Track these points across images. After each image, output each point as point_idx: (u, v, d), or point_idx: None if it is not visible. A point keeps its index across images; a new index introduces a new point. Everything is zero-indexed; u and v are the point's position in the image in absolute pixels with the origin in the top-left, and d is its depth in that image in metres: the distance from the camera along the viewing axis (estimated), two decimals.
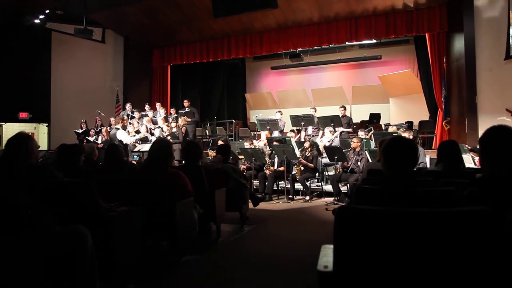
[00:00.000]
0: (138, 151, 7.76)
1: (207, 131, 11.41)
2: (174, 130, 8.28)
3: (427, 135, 8.44)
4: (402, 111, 10.26)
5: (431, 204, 1.60)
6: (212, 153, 7.92)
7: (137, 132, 8.43)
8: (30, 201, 1.60)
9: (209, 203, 3.46)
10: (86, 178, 2.09)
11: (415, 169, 1.78)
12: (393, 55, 11.34)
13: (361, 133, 6.99)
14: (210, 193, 3.47)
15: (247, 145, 7.45)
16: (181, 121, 8.56)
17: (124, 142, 8.16)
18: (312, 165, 6.46)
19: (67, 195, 1.99)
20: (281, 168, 6.65)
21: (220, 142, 7.30)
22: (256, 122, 8.63)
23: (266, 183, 6.61)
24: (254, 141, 8.13)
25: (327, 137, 7.42)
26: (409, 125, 8.19)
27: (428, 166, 5.29)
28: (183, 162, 3.87)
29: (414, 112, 9.82)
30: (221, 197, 3.71)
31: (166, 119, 8.94)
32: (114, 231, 2.19)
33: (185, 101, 9.69)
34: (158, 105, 9.86)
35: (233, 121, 10.46)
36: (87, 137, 8.64)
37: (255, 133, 10.02)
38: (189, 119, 9.29)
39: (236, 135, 10.56)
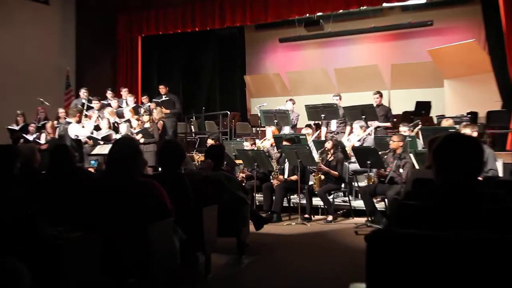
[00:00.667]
0: (97, 154, 7.80)
1: (192, 127, 11.50)
2: (147, 125, 8.33)
3: (498, 131, 8.37)
4: (462, 98, 10.23)
5: (503, 228, 1.58)
6: (199, 157, 7.97)
7: (96, 128, 8.46)
8: None
9: (195, 226, 3.49)
10: (23, 191, 2.07)
11: (480, 178, 1.86)
12: (450, 20, 11.36)
13: (403, 129, 6.99)
14: (196, 211, 3.51)
15: (247, 145, 7.47)
16: (156, 113, 8.62)
17: (83, 140, 8.21)
18: (336, 173, 6.47)
19: None
20: (294, 178, 6.68)
21: (210, 142, 7.49)
22: (259, 114, 8.63)
23: (274, 197, 6.65)
24: (257, 141, 8.18)
25: (357, 135, 7.43)
26: (472, 117, 8.18)
27: (500, 174, 5.28)
28: (159, 169, 3.92)
29: (480, 99, 9.75)
30: (212, 217, 3.75)
31: (136, 111, 9.01)
32: (63, 266, 2.17)
33: (162, 86, 9.76)
34: (124, 91, 9.93)
35: (228, 113, 10.54)
36: (25, 135, 8.68)
37: (258, 129, 10.06)
38: (168, 111, 9.34)
39: (233, 132, 10.63)
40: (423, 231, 1.38)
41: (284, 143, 6.74)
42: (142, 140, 8.06)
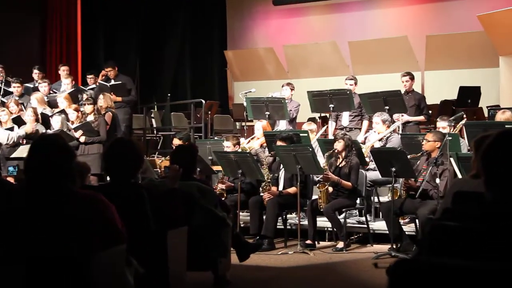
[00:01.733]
0: (18, 158, 7.71)
1: (153, 121, 11.56)
2: (90, 118, 8.29)
3: None
4: None
5: None
6: (162, 162, 7.95)
7: (17, 120, 8.37)
8: None
9: (156, 256, 3.52)
10: None
11: None
12: None
13: (442, 125, 7.03)
14: (158, 236, 3.53)
15: (228, 146, 7.43)
16: (103, 101, 8.59)
17: None
18: (349, 183, 6.50)
19: None
20: (292, 190, 6.68)
21: (177, 142, 7.49)
22: (245, 104, 8.65)
23: (264, 216, 6.65)
24: (242, 140, 8.18)
25: (378, 133, 7.46)
26: None
27: None
28: (107, 178, 3.98)
29: None
30: (180, 243, 3.78)
31: (73, 97, 8.94)
32: None
33: (108, 68, 9.75)
34: (61, 70, 9.84)
35: (203, 102, 10.48)
36: None
37: (243, 124, 10.06)
38: (119, 99, 9.34)
39: (209, 128, 10.68)
40: (465, 262, 1.43)
41: (279, 143, 6.74)
42: (82, 139, 8.03)
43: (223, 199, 6.24)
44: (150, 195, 3.54)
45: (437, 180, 5.88)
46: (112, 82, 9.50)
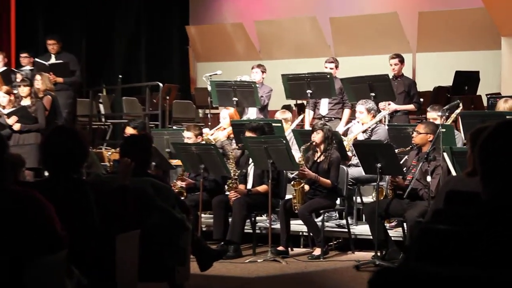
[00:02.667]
0: None
1: (101, 107, 11.44)
2: (26, 102, 8.22)
3: None
4: None
5: None
6: (111, 154, 7.93)
7: None
8: None
9: (103, 264, 3.49)
10: None
11: None
12: None
13: (434, 115, 7.07)
14: (105, 241, 3.51)
15: (189, 137, 7.41)
16: (40, 82, 8.47)
17: None
18: (328, 181, 6.52)
19: None
20: (262, 188, 6.71)
21: (130, 131, 7.49)
22: (209, 88, 8.66)
23: (230, 219, 6.67)
24: (205, 130, 8.18)
25: (362, 123, 7.48)
26: None
27: None
28: (45, 173, 3.95)
29: None
30: (131, 249, 3.77)
31: (5, 78, 8.84)
32: None
33: (52, 41, 9.66)
34: None
35: (160, 85, 10.49)
36: None
37: (207, 112, 10.04)
38: (61, 79, 9.25)
39: (167, 115, 10.62)
40: (459, 270, 1.44)
41: (248, 134, 6.76)
42: (17, 127, 7.98)
43: (182, 198, 6.28)
44: (96, 193, 3.53)
45: (428, 178, 5.92)
46: (52, 60, 9.34)
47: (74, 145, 3.62)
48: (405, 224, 6.13)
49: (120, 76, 11.83)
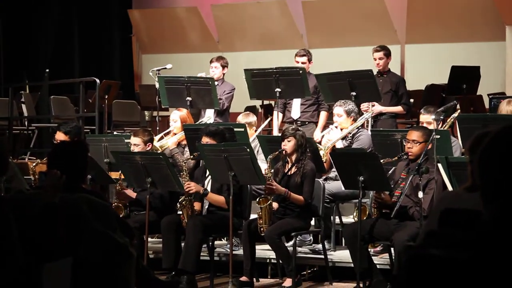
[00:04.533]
0: None
1: (23, 107, 11.24)
2: None
3: None
4: None
5: None
6: (37, 165, 7.68)
7: None
8: None
9: None
10: None
11: None
12: None
13: (427, 118, 6.97)
14: (29, 272, 3.48)
15: (137, 143, 7.19)
16: None
17: None
18: (301, 197, 6.44)
19: None
20: (219, 199, 6.54)
21: (60, 137, 7.38)
22: (157, 85, 8.44)
23: (183, 243, 6.58)
24: (154, 137, 8.08)
25: (340, 128, 7.37)
26: None
27: None
28: None
29: None
30: (61, 281, 3.73)
31: None
32: None
33: None
34: None
35: (97, 81, 10.08)
36: None
37: (154, 114, 9.95)
38: None
39: (105, 118, 10.42)
40: None
41: (205, 140, 6.64)
42: None
43: (125, 219, 6.08)
44: (18, 213, 3.50)
45: (420, 194, 5.83)
46: None
47: None
48: (392, 249, 6.03)
49: (47, 70, 11.38)
